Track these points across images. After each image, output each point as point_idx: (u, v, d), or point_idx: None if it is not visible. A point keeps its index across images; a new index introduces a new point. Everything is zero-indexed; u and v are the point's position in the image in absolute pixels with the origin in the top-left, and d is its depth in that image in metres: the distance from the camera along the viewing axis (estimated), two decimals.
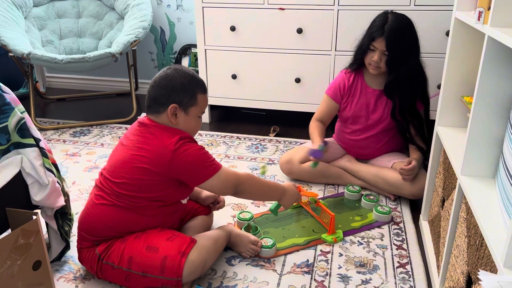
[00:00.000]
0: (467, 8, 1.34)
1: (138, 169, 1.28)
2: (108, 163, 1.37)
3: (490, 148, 1.09)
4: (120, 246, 1.29)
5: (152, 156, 1.27)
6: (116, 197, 1.30)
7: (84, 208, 1.37)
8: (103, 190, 1.32)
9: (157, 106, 1.32)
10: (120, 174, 1.30)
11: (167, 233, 1.32)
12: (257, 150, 2.34)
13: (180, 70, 1.34)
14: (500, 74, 1.02)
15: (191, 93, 1.32)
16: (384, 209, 1.71)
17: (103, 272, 1.32)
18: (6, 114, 1.23)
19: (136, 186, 1.28)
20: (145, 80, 3.26)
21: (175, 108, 1.31)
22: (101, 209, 1.31)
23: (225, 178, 1.33)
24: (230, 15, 2.42)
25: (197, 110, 1.35)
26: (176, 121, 1.33)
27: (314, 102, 2.45)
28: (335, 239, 1.58)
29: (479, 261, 0.95)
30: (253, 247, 1.48)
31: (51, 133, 2.55)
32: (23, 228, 1.14)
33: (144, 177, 1.28)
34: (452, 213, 1.19)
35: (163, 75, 1.33)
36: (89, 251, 1.34)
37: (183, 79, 1.32)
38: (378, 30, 1.73)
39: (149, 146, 1.28)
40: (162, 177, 1.29)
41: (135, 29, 2.70)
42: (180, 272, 1.25)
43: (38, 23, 2.87)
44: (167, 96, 1.31)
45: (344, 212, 1.77)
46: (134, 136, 1.33)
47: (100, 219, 1.31)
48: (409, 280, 1.40)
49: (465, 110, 1.41)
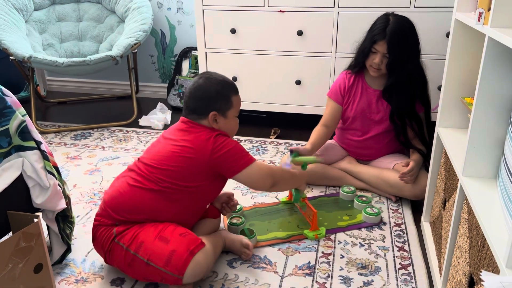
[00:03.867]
0: (467, 9, 1.34)
1: (182, 158, 1.35)
2: (148, 153, 1.43)
3: (491, 148, 1.09)
4: (137, 230, 1.32)
5: (195, 146, 1.35)
6: (154, 183, 1.34)
7: (115, 189, 1.39)
8: (141, 175, 1.37)
9: (197, 116, 1.41)
10: (163, 162, 1.36)
11: (182, 229, 1.35)
12: (258, 152, 2.34)
13: (211, 78, 1.42)
14: (500, 75, 1.02)
15: (226, 98, 1.41)
16: (373, 210, 1.71)
17: (111, 253, 1.34)
18: (7, 117, 1.23)
19: (179, 173, 1.34)
20: (146, 83, 3.27)
21: (215, 115, 1.40)
22: (137, 191, 1.35)
23: (261, 170, 1.41)
24: (230, 17, 2.43)
25: (234, 111, 1.44)
26: (217, 125, 1.41)
27: (314, 104, 2.45)
28: (316, 235, 1.61)
29: (481, 262, 0.95)
30: (246, 251, 1.50)
31: (52, 136, 2.56)
32: (25, 231, 1.14)
33: (187, 166, 1.34)
34: (454, 214, 1.19)
35: (197, 87, 1.41)
36: (106, 229, 1.35)
37: (217, 86, 1.40)
38: (380, 33, 1.73)
39: (193, 139, 1.37)
40: (203, 168, 1.35)
41: (136, 32, 2.71)
42: (183, 270, 1.26)
43: (39, 26, 2.88)
44: (205, 106, 1.39)
45: (334, 211, 1.79)
46: (178, 131, 1.41)
47: (132, 200, 1.35)
48: (411, 282, 1.39)
49: (466, 111, 1.41)
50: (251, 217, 1.74)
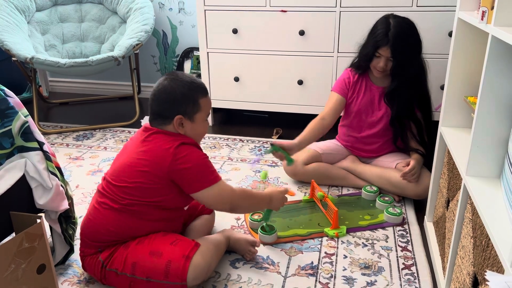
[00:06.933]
0: (470, 8, 1.34)
1: (139, 172, 1.27)
2: (111, 167, 1.37)
3: (495, 148, 1.09)
4: (123, 252, 1.28)
5: (152, 158, 1.26)
6: (118, 202, 1.29)
7: (86, 214, 1.37)
8: (105, 195, 1.31)
9: (161, 120, 1.31)
10: (122, 178, 1.29)
11: (171, 237, 1.31)
12: (260, 153, 2.33)
13: (177, 79, 1.31)
14: (504, 74, 1.01)
15: (193, 100, 1.30)
16: (395, 210, 1.71)
17: (107, 279, 1.32)
18: (10, 118, 1.23)
19: (138, 190, 1.27)
20: (148, 83, 3.27)
21: (180, 119, 1.30)
22: (104, 213, 1.30)
23: (222, 192, 1.30)
24: (232, 17, 2.43)
25: (202, 114, 1.34)
26: (183, 130, 1.32)
27: (316, 104, 2.45)
28: (337, 233, 1.60)
29: (485, 262, 0.94)
30: (252, 248, 1.49)
31: (54, 137, 2.56)
32: (27, 231, 1.14)
33: (145, 180, 1.26)
34: (458, 214, 1.18)
35: (161, 88, 1.31)
36: (92, 258, 1.33)
37: (182, 88, 1.29)
38: (382, 38, 1.73)
39: (150, 150, 1.28)
40: (163, 181, 1.27)
41: (138, 33, 2.71)
42: (184, 276, 1.25)
43: (41, 27, 2.88)
44: (170, 109, 1.29)
45: (356, 210, 1.78)
46: (138, 141, 1.33)
47: (102, 223, 1.30)
48: (415, 282, 1.39)
49: (469, 110, 1.41)
50: (273, 214, 1.70)
